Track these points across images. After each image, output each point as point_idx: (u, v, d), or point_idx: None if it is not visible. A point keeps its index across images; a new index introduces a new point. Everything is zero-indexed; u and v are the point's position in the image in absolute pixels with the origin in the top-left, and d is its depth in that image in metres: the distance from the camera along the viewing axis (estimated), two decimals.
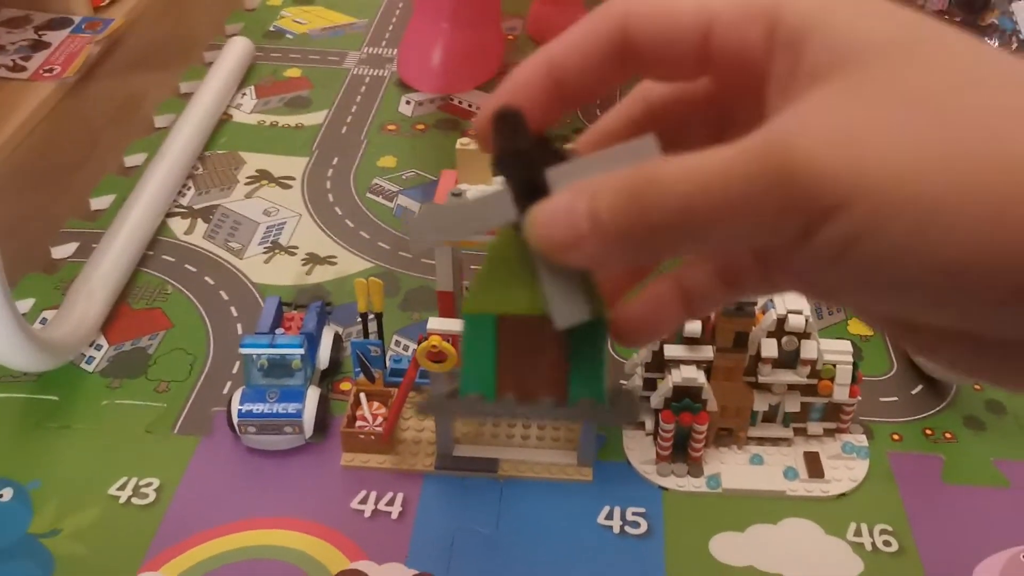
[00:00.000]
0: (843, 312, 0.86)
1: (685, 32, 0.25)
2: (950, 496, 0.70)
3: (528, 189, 0.25)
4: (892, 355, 0.82)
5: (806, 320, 0.66)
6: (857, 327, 0.84)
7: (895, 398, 0.78)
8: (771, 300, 0.68)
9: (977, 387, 0.78)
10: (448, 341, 0.65)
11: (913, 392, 0.78)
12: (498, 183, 0.26)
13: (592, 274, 0.27)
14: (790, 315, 0.66)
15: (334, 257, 0.93)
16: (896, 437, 0.74)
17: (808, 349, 0.67)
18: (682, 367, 0.68)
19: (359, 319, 0.75)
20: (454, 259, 0.68)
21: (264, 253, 0.93)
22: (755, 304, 0.66)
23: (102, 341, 0.83)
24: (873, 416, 0.76)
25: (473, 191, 0.61)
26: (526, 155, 0.26)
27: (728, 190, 0.22)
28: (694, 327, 0.67)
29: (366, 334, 0.76)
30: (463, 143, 0.67)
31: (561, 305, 0.26)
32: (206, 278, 0.91)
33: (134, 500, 0.69)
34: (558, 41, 0.27)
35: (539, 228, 0.25)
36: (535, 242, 0.25)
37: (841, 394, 0.70)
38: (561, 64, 0.27)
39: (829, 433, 0.73)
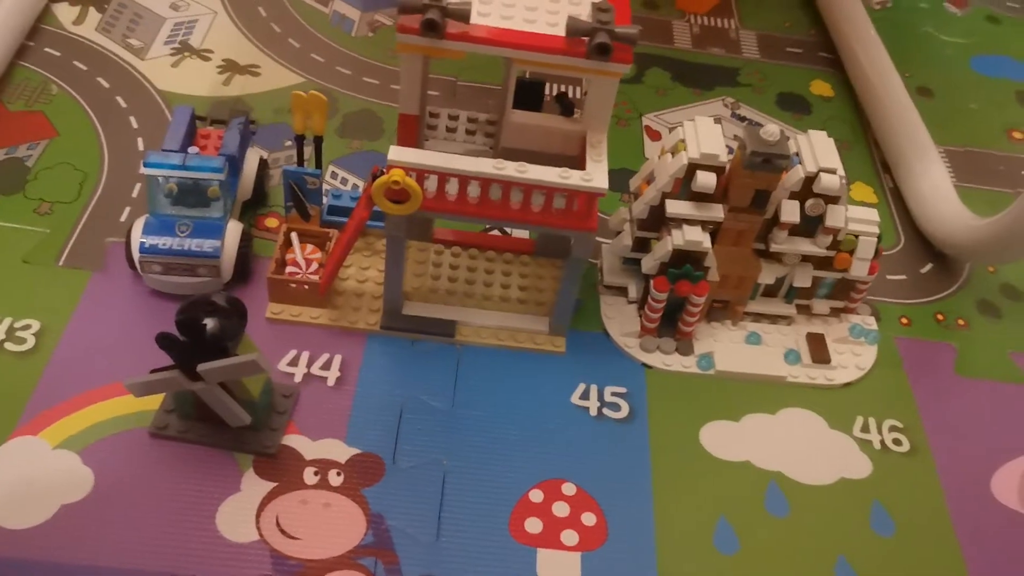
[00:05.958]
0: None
1: None
2: (964, 390, 0.62)
3: (191, 378, 0.50)
4: (898, 227, 0.73)
5: (840, 181, 0.56)
6: (859, 192, 0.75)
7: (903, 276, 0.69)
8: (797, 155, 0.57)
9: (991, 269, 0.70)
10: (412, 176, 0.53)
11: (922, 271, 0.70)
12: None
13: None
14: (823, 174, 0.56)
15: (257, 67, 0.78)
16: (905, 321, 0.66)
17: (835, 216, 0.57)
18: (685, 227, 0.57)
19: (290, 143, 0.62)
20: (422, 76, 0.55)
21: (171, 55, 0.78)
22: (787, 157, 0.55)
23: None
24: (879, 296, 0.67)
25: None
26: (189, 362, 0.50)
27: None
28: (707, 180, 0.55)
29: (300, 161, 0.63)
30: None
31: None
32: (99, 79, 0.75)
33: (8, 345, 0.56)
34: None
35: None
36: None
37: (859, 270, 0.60)
38: None
39: (835, 313, 0.64)
